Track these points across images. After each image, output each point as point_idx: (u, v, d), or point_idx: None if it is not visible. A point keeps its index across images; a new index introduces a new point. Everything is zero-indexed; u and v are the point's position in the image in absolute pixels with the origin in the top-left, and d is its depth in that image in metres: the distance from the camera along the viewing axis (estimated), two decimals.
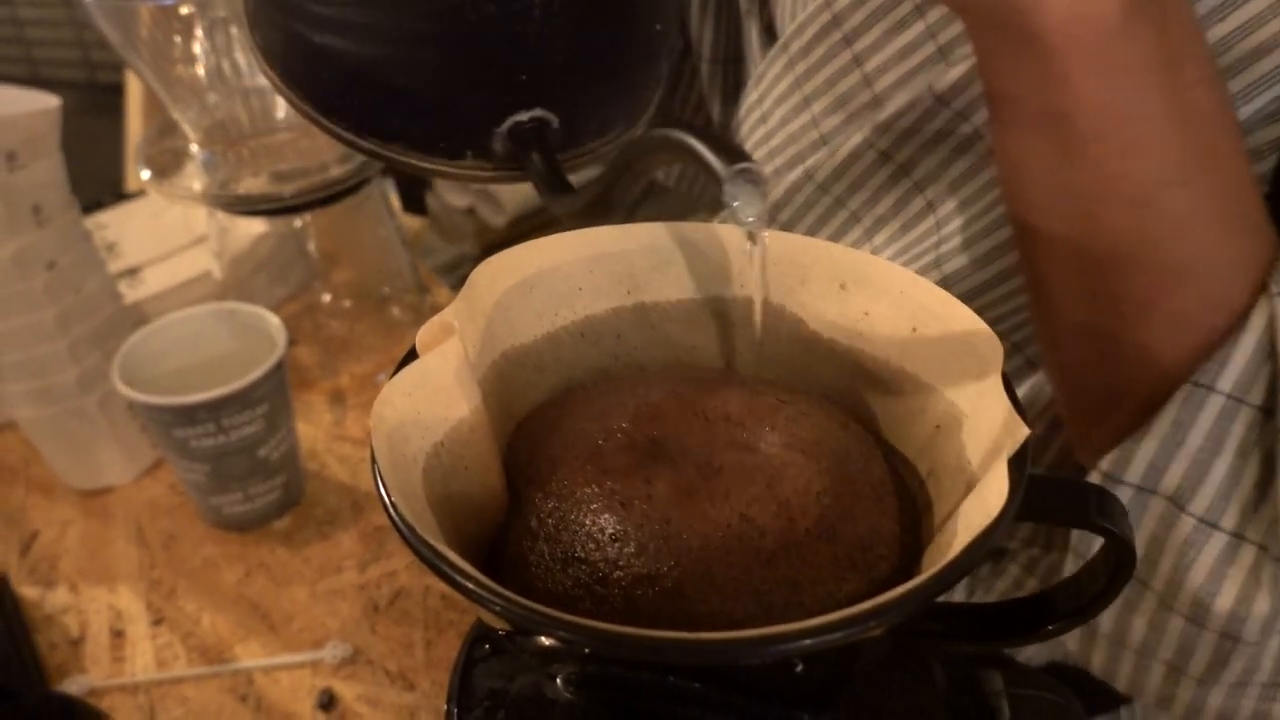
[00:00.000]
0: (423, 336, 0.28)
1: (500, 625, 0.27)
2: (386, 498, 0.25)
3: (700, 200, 0.79)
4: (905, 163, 0.50)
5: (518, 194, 1.29)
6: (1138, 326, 0.37)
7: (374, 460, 0.26)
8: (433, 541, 0.24)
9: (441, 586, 0.59)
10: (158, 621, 0.58)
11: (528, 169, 0.37)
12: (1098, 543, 0.39)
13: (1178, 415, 0.37)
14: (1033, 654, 0.52)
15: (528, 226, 1.29)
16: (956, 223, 0.48)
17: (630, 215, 0.36)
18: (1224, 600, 0.37)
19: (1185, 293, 0.36)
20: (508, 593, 0.22)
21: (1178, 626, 0.38)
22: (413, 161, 0.38)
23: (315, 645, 0.56)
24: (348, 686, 0.54)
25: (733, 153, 0.27)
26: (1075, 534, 0.40)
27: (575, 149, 0.39)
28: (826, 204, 0.54)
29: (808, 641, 0.22)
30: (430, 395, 0.28)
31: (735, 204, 0.27)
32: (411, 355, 0.29)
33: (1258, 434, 0.37)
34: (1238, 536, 0.37)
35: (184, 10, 0.61)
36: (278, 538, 0.62)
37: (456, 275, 1.23)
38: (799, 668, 0.26)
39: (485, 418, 0.29)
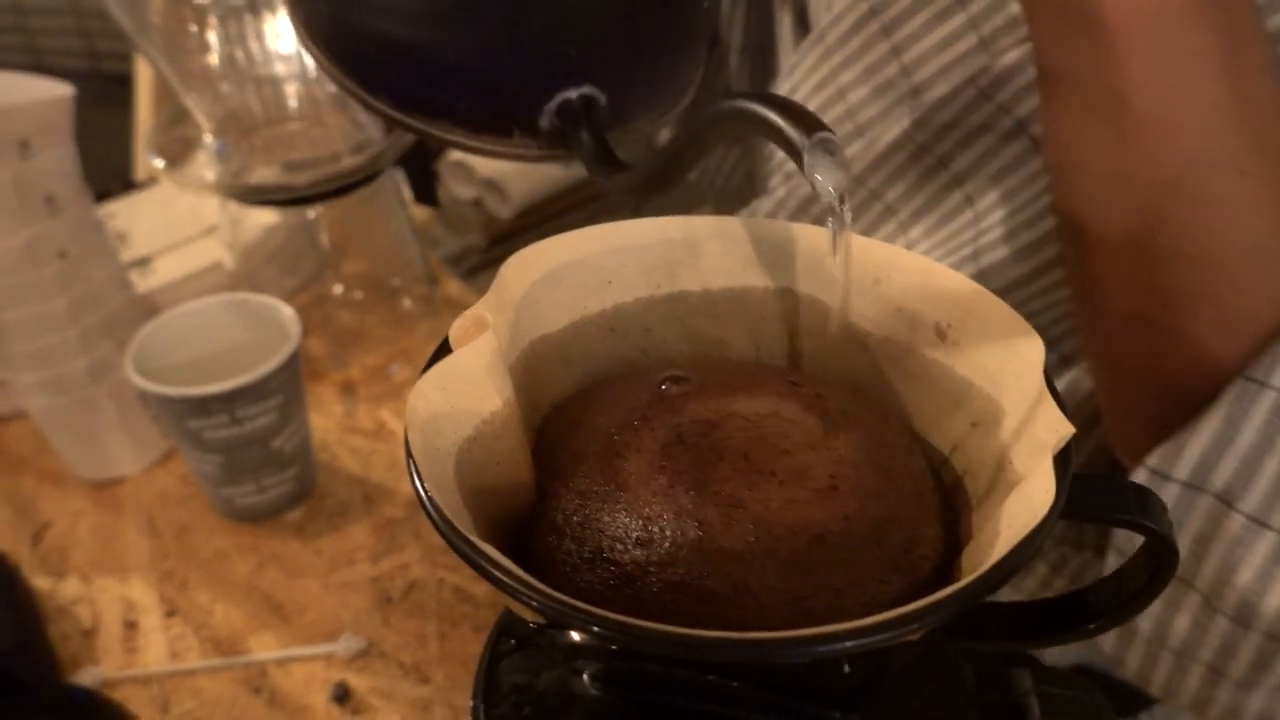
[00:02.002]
0: (455, 330, 0.28)
1: (534, 619, 0.26)
2: (424, 493, 0.24)
3: (706, 193, 0.78)
4: (944, 156, 0.50)
5: (524, 185, 1.28)
6: (1190, 319, 0.37)
7: (409, 454, 0.25)
8: (472, 538, 0.23)
9: (455, 579, 0.58)
10: (170, 613, 0.58)
11: (575, 147, 0.37)
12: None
13: (1229, 411, 0.36)
14: (1058, 656, 0.51)
15: (535, 218, 1.29)
16: (996, 215, 0.47)
17: (636, 209, 0.36)
18: (1272, 600, 0.36)
19: (1239, 285, 0.36)
20: (556, 593, 0.22)
21: (1222, 627, 0.38)
22: (459, 140, 0.38)
23: (328, 637, 0.56)
24: (361, 679, 0.54)
25: (809, 122, 0.26)
26: (1120, 532, 0.39)
27: (622, 125, 0.39)
28: (861, 196, 0.54)
29: (851, 643, 0.22)
30: (463, 389, 0.27)
31: (816, 177, 0.26)
32: (444, 348, 0.29)
33: None
34: None
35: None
36: (290, 529, 0.62)
37: (463, 266, 1.23)
38: (845, 668, 0.26)
39: (516, 411, 0.29)
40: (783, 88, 0.59)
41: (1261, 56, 0.35)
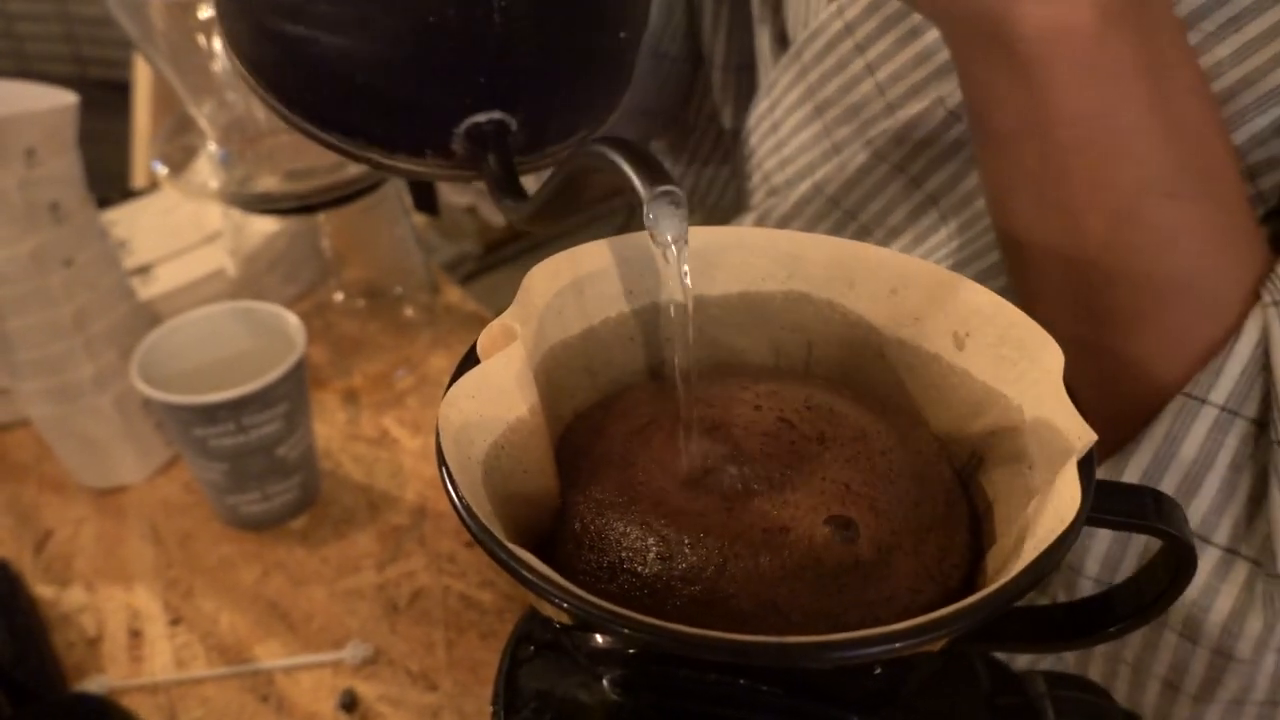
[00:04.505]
0: (483, 340, 0.28)
1: (566, 621, 0.27)
2: (458, 499, 0.25)
3: (697, 210, 0.79)
4: (918, 175, 0.50)
5: None
6: (1128, 340, 0.37)
7: (443, 463, 0.25)
8: (506, 543, 0.24)
9: (461, 587, 0.59)
10: (175, 621, 0.58)
11: (483, 171, 0.38)
12: (1087, 582, 0.39)
13: (1170, 428, 0.37)
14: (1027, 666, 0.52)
15: None
16: (967, 235, 0.48)
17: (627, 223, 0.36)
18: (1216, 616, 0.37)
19: (1175, 305, 0.36)
20: (593, 598, 0.22)
21: (1171, 642, 0.38)
22: (374, 157, 0.39)
23: (335, 645, 0.56)
24: (369, 687, 0.54)
25: (657, 173, 0.27)
26: (1091, 558, 0.40)
27: (536, 153, 0.40)
28: (837, 217, 0.54)
29: (881, 648, 0.22)
30: (493, 398, 0.28)
31: (654, 224, 0.27)
32: (471, 358, 0.29)
33: (1251, 448, 0.36)
34: (1231, 552, 0.37)
35: (202, 10, 0.60)
36: (295, 537, 0.62)
37: (459, 273, 1.23)
38: (875, 671, 0.26)
39: (543, 420, 0.29)
40: (761, 106, 0.60)
41: (1188, 78, 0.35)
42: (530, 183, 0.37)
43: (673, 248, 0.27)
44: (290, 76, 0.38)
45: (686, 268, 0.27)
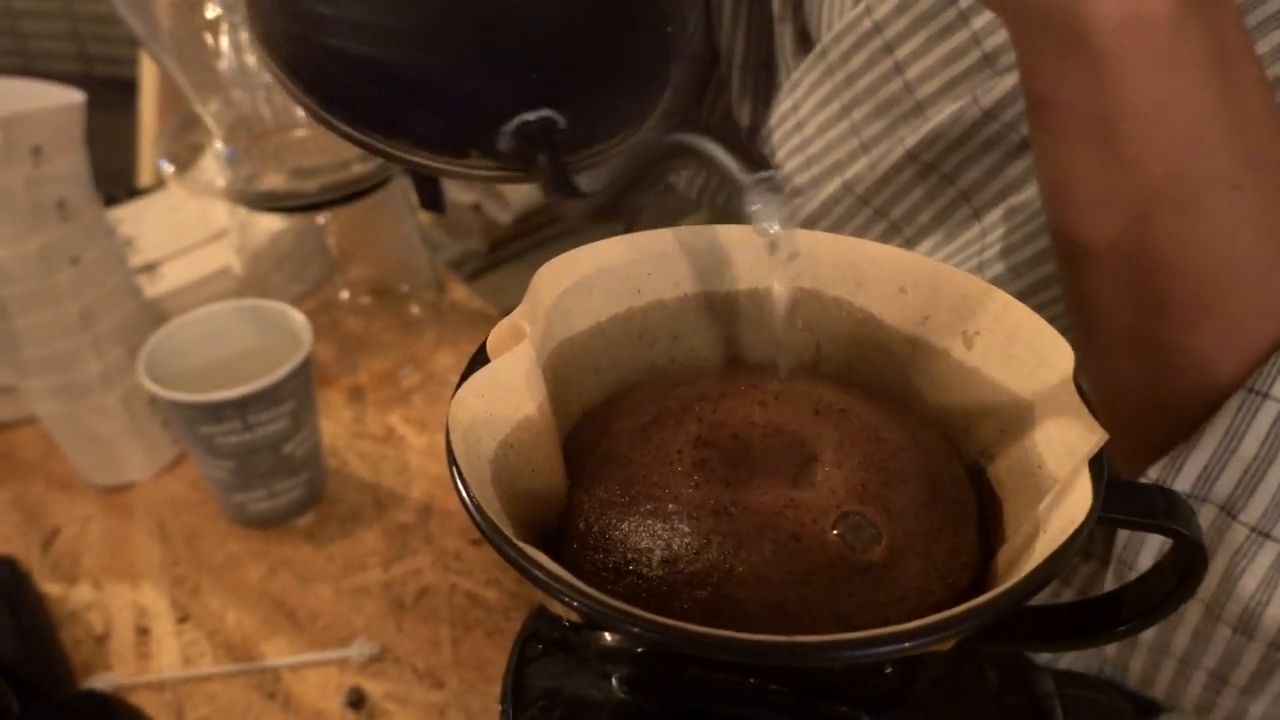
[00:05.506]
0: (493, 339, 0.29)
1: (575, 619, 0.27)
2: (468, 497, 0.25)
3: (704, 210, 0.79)
4: (950, 173, 0.50)
5: (523, 191, 1.28)
6: (1187, 332, 0.37)
7: (452, 460, 0.26)
8: (517, 542, 0.24)
9: (467, 585, 0.59)
10: (183, 619, 0.58)
11: (533, 170, 0.37)
12: (1146, 553, 0.39)
13: (1231, 422, 0.37)
14: (1071, 662, 0.52)
15: (534, 223, 1.28)
16: (1002, 230, 0.48)
17: (633, 220, 0.36)
18: (1275, 610, 0.36)
19: (1236, 297, 0.36)
20: (604, 597, 0.22)
21: (1224, 636, 0.38)
22: (417, 159, 0.38)
23: (342, 643, 0.56)
24: (376, 684, 0.54)
25: (753, 160, 0.26)
26: (1119, 544, 0.40)
27: (582, 150, 0.39)
28: (867, 215, 0.54)
29: (891, 648, 0.22)
30: (502, 397, 0.28)
31: (755, 212, 0.26)
32: (480, 356, 0.29)
33: None
34: None
35: (209, 9, 0.60)
36: (301, 535, 0.62)
37: (465, 270, 1.23)
38: (886, 670, 0.26)
39: (551, 419, 0.29)
40: (784, 105, 0.59)
41: (1251, 70, 0.35)
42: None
43: (774, 234, 0.26)
44: (330, 79, 0.37)
45: (785, 253, 0.27)
